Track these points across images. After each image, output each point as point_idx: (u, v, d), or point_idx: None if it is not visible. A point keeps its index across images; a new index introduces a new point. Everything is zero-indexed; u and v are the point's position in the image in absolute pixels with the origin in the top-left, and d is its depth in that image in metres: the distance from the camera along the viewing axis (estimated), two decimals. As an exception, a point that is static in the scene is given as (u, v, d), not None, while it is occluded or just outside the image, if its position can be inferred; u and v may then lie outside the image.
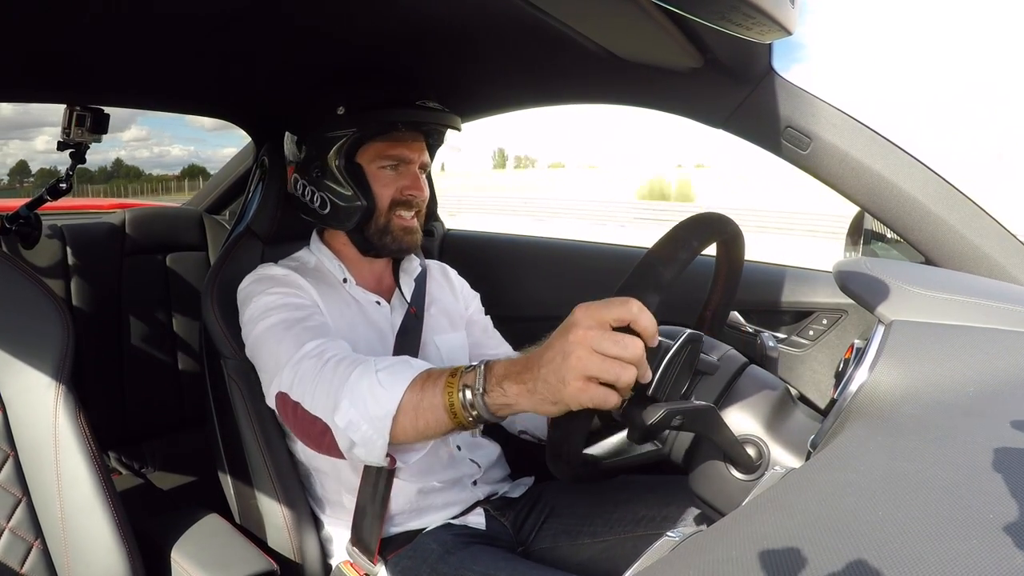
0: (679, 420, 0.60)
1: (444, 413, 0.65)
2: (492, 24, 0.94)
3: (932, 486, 0.42)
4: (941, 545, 0.35)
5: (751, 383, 0.71)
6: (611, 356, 0.53)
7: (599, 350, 0.53)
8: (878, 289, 0.65)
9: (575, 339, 0.54)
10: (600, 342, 0.53)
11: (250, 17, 0.90)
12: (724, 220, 0.71)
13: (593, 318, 0.54)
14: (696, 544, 0.41)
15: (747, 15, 0.50)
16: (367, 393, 0.70)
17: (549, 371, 0.56)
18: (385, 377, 0.70)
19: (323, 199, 0.97)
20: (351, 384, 0.71)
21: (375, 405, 0.69)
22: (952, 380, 0.55)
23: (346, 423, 0.70)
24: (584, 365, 0.53)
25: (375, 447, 0.70)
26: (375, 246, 0.99)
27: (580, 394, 0.54)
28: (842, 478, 0.46)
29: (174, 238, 1.69)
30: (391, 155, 0.96)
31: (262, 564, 0.79)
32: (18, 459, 0.70)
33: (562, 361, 0.55)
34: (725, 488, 0.67)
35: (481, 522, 0.98)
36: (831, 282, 0.73)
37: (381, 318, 1.01)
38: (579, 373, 0.54)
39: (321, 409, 0.73)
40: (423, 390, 0.67)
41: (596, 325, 0.54)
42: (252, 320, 0.89)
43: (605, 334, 0.54)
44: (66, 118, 1.26)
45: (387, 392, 0.69)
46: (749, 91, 0.88)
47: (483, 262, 1.47)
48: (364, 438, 0.70)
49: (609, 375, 0.53)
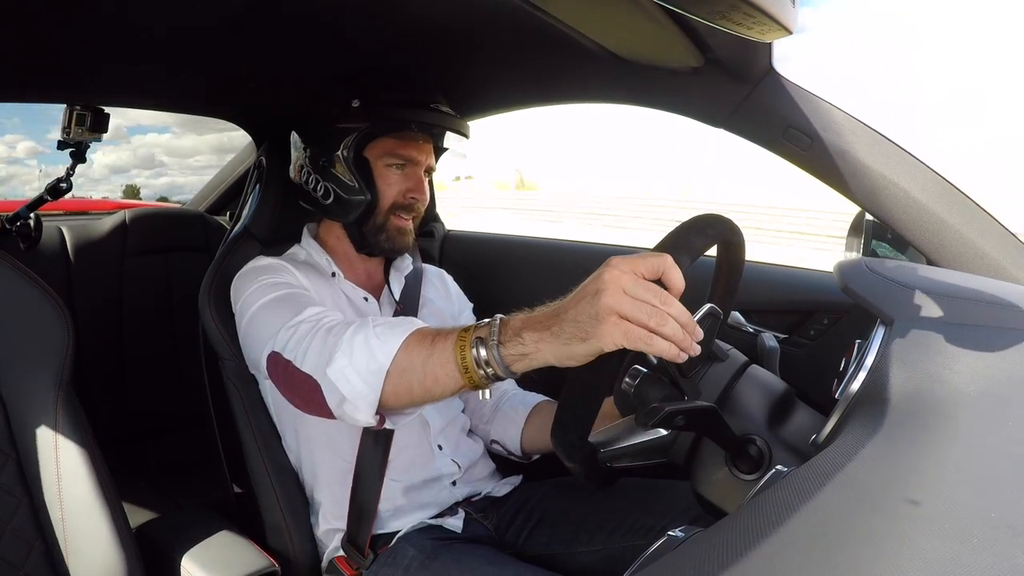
0: (680, 419, 0.59)
1: (455, 368, 0.63)
2: (492, 24, 0.94)
3: (932, 485, 0.41)
4: (942, 544, 0.35)
5: (752, 383, 0.71)
6: (643, 301, 0.53)
7: (631, 293, 0.53)
8: (879, 289, 0.65)
9: (609, 278, 0.54)
10: (633, 286, 0.53)
11: (251, 17, 0.90)
12: (730, 222, 0.71)
13: (627, 264, 0.54)
14: (698, 543, 0.41)
15: (748, 14, 0.50)
16: (361, 346, 0.68)
17: (579, 311, 0.55)
18: (382, 331, 0.69)
19: (327, 189, 0.97)
20: (346, 339, 0.70)
21: (369, 358, 0.67)
22: (953, 380, 0.55)
23: (336, 375, 0.68)
24: (618, 302, 0.53)
25: (365, 402, 0.68)
26: (369, 243, 0.99)
27: (615, 329, 0.53)
28: (844, 478, 0.46)
29: (175, 238, 1.69)
30: (400, 154, 0.96)
31: (263, 563, 0.79)
32: (19, 460, 0.70)
33: (593, 298, 0.54)
34: (727, 488, 0.67)
35: (458, 524, 0.95)
36: (831, 282, 0.73)
37: (370, 313, 1.01)
38: (612, 310, 0.53)
39: (312, 365, 0.72)
40: (433, 345, 0.65)
41: (629, 271, 0.54)
42: (245, 305, 0.88)
43: (638, 280, 0.53)
44: (66, 117, 1.26)
45: (383, 345, 0.67)
46: (749, 90, 0.88)
47: (483, 262, 1.47)
48: (354, 392, 0.68)
49: (641, 317, 0.52)
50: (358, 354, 0.68)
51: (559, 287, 1.56)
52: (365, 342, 0.69)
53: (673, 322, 0.53)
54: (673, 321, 0.53)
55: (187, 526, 0.86)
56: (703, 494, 0.70)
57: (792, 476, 0.49)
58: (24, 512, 0.70)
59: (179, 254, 1.69)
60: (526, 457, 1.05)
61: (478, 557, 0.86)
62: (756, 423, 0.67)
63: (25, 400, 0.70)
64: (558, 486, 1.02)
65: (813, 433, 0.64)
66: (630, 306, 0.53)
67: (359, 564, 0.91)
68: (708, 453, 0.68)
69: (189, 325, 1.66)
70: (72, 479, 0.70)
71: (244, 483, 1.02)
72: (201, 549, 0.80)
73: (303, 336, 0.76)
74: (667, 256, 0.55)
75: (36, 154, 27.92)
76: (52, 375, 0.71)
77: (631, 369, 0.69)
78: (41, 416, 0.70)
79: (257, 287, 0.89)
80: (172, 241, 1.68)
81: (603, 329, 0.53)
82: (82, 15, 0.86)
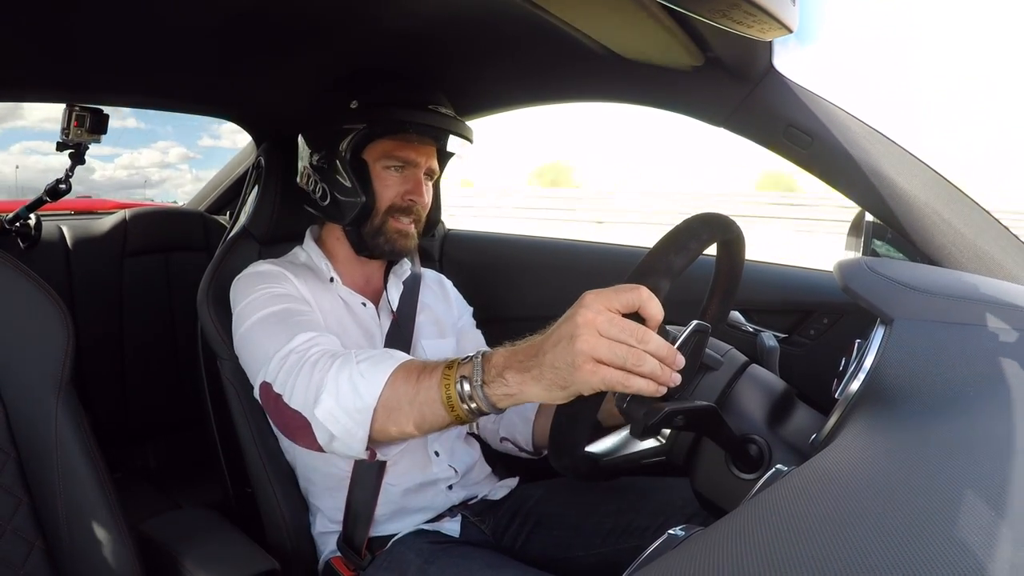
0: (680, 419, 0.59)
1: (442, 407, 0.63)
2: (492, 22, 0.94)
3: (932, 484, 0.42)
4: (942, 543, 0.35)
5: (752, 382, 0.71)
6: (619, 341, 0.52)
7: (606, 334, 0.53)
8: (878, 288, 0.65)
9: (582, 321, 0.53)
10: (608, 327, 0.53)
11: (252, 17, 0.90)
12: (726, 220, 0.71)
13: (601, 302, 0.53)
14: (698, 542, 0.41)
15: (748, 13, 0.50)
16: (347, 385, 0.69)
17: (556, 355, 0.55)
18: (366, 368, 0.69)
19: (324, 190, 0.96)
20: (331, 376, 0.70)
21: (355, 398, 0.68)
22: (952, 379, 0.55)
23: (325, 415, 0.69)
24: (592, 347, 0.52)
25: (355, 439, 0.69)
26: (368, 246, 0.98)
27: (591, 376, 0.53)
28: (843, 477, 0.46)
29: (174, 238, 1.69)
30: (398, 156, 0.95)
31: (263, 563, 0.79)
32: (19, 459, 0.70)
33: (568, 344, 0.53)
34: (726, 487, 0.67)
35: (456, 528, 0.96)
36: (831, 281, 0.73)
37: (368, 319, 1.00)
38: (588, 356, 0.52)
39: (300, 402, 0.73)
40: (419, 383, 0.66)
41: (604, 309, 0.53)
42: (242, 316, 0.88)
43: (613, 319, 0.53)
44: (66, 118, 1.26)
45: (367, 384, 0.68)
46: (750, 89, 0.88)
47: (483, 262, 1.47)
48: (343, 430, 0.69)
49: (618, 359, 0.52)
50: (344, 393, 0.69)
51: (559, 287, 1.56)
52: (350, 380, 0.69)
53: (651, 359, 0.53)
54: (651, 358, 0.53)
55: (187, 526, 0.86)
56: (703, 493, 0.71)
57: (792, 475, 0.49)
58: (24, 512, 0.70)
59: (179, 254, 1.69)
60: (537, 452, 1.03)
61: (476, 561, 0.86)
62: (756, 423, 0.67)
63: (25, 399, 0.70)
64: (553, 488, 1.02)
65: (813, 433, 0.64)
66: (606, 350, 0.52)
67: (356, 565, 0.90)
68: (708, 453, 0.68)
69: (189, 325, 1.66)
70: (72, 479, 0.70)
71: (243, 483, 1.02)
72: (201, 549, 0.80)
73: (292, 368, 0.76)
74: (641, 289, 0.54)
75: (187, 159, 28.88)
76: (52, 375, 0.71)
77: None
78: (41, 416, 0.70)
79: (255, 297, 0.88)
80: (172, 241, 1.68)
81: (580, 376, 0.53)
82: (82, 15, 0.86)
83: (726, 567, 0.36)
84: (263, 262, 0.97)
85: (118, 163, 29.22)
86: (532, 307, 1.41)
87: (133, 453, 1.67)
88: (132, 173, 30.43)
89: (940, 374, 0.55)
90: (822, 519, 0.39)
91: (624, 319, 0.53)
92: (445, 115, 0.96)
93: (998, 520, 0.37)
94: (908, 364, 0.57)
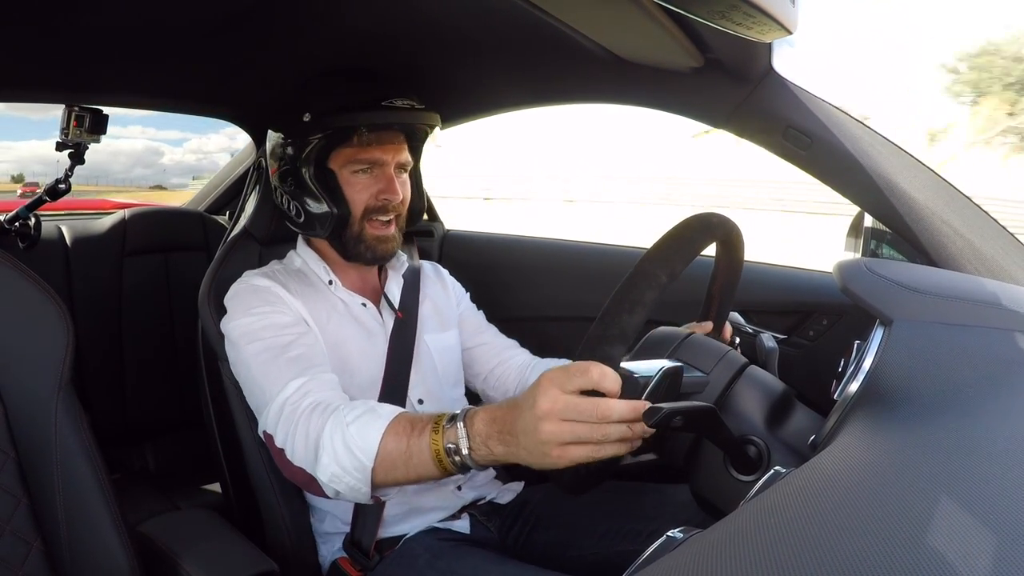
0: (679, 420, 0.59)
1: (433, 466, 0.69)
2: (492, 24, 0.94)
3: (932, 486, 0.42)
4: (942, 544, 0.35)
5: (751, 383, 0.71)
6: (580, 422, 0.56)
7: (567, 419, 0.56)
8: (878, 289, 0.65)
9: (541, 412, 0.57)
10: (567, 412, 0.56)
11: (251, 17, 0.90)
12: (723, 220, 0.71)
13: (557, 387, 0.57)
14: (696, 544, 0.41)
15: (748, 14, 0.50)
16: (342, 447, 0.73)
17: (527, 440, 0.59)
18: (356, 431, 0.73)
19: (297, 208, 0.96)
20: (326, 437, 0.75)
21: (352, 459, 0.73)
22: (952, 380, 0.55)
23: (328, 477, 0.75)
24: (555, 434, 0.56)
25: (359, 494, 0.75)
26: (351, 253, 0.98)
27: (560, 460, 0.57)
28: (842, 479, 0.46)
29: (174, 238, 1.69)
30: (362, 159, 0.93)
31: (263, 564, 0.78)
32: (19, 459, 0.70)
33: (534, 433, 0.58)
34: (725, 489, 0.67)
35: (466, 527, 0.97)
36: (831, 282, 0.73)
37: (369, 319, 1.00)
38: (554, 443, 0.57)
39: (302, 460, 0.77)
40: (409, 446, 0.70)
41: (560, 395, 0.56)
42: (236, 340, 0.89)
43: (570, 402, 0.56)
44: (65, 118, 1.26)
45: (363, 444, 0.72)
46: (749, 91, 0.88)
47: (483, 262, 1.47)
48: (348, 488, 0.75)
49: (582, 438, 0.56)
50: (341, 455, 0.73)
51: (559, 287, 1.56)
52: (344, 443, 0.73)
53: (615, 428, 0.56)
54: (615, 427, 0.56)
55: (186, 526, 0.86)
56: (702, 495, 0.71)
57: (791, 477, 0.49)
58: (23, 512, 0.70)
59: (178, 254, 1.68)
60: None
61: (484, 557, 0.88)
62: (755, 424, 0.67)
63: (25, 399, 0.70)
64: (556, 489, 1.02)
65: (812, 434, 0.64)
66: (569, 434, 0.56)
67: (363, 565, 0.91)
68: (707, 454, 0.68)
69: (188, 325, 1.66)
70: (71, 479, 0.70)
71: (244, 483, 1.02)
72: (200, 549, 0.80)
73: (288, 423, 0.79)
74: (591, 371, 0.56)
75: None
76: (52, 374, 0.71)
77: None
78: (41, 415, 0.70)
79: (250, 322, 0.88)
80: (171, 241, 1.68)
81: (551, 461, 0.58)
82: (82, 15, 0.86)
83: (724, 570, 0.36)
84: (257, 275, 0.95)
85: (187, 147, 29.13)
86: (532, 307, 1.41)
87: (132, 454, 1.67)
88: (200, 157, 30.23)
89: (939, 375, 0.55)
90: (821, 521, 0.39)
91: (582, 399, 0.56)
92: (401, 108, 0.93)
93: (998, 521, 0.37)
94: (907, 365, 0.57)
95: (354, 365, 0.95)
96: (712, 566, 0.36)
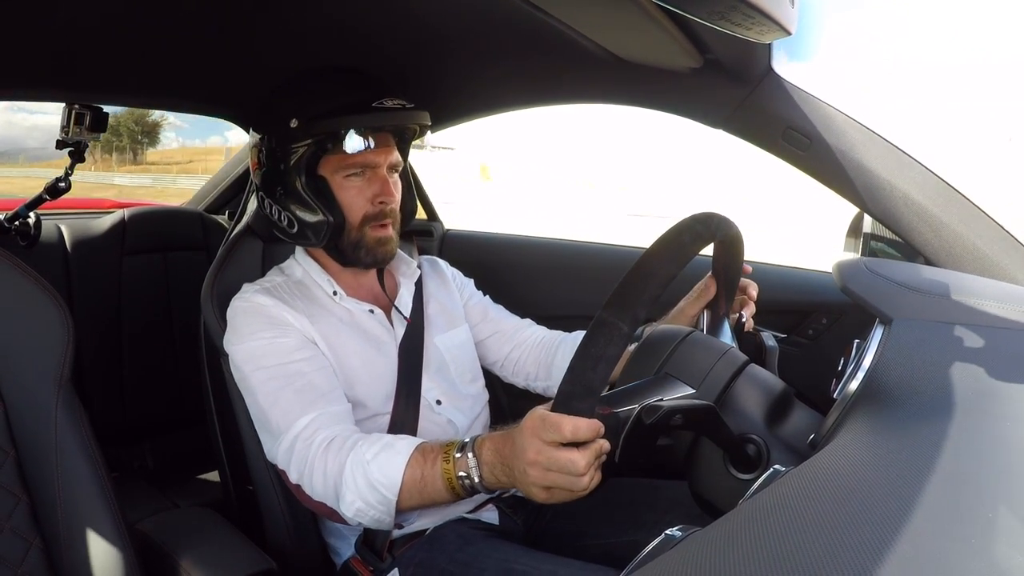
0: (679, 419, 0.60)
1: (447, 493, 0.75)
2: (491, 24, 0.94)
3: (931, 485, 0.42)
4: (940, 543, 0.35)
5: (751, 382, 0.71)
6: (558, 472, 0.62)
7: (549, 468, 0.63)
8: (877, 289, 0.65)
9: (528, 460, 0.64)
10: (548, 464, 0.63)
11: (252, 17, 0.90)
12: (722, 220, 0.71)
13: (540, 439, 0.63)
14: (695, 542, 0.41)
15: (747, 15, 0.50)
16: (365, 487, 0.77)
17: (521, 477, 0.66)
18: (377, 469, 0.77)
19: (288, 218, 0.93)
20: (347, 477, 0.78)
21: (376, 495, 0.77)
22: (951, 380, 0.55)
23: (353, 513, 0.79)
24: (539, 480, 0.64)
25: (384, 524, 0.80)
26: (350, 259, 0.96)
27: (548, 500, 0.66)
28: (841, 478, 0.46)
29: (174, 237, 1.69)
30: (353, 163, 0.91)
31: (262, 563, 0.78)
32: (18, 458, 0.70)
33: (524, 475, 0.65)
34: (724, 487, 0.67)
35: (495, 518, 0.98)
36: (831, 282, 0.73)
37: (376, 326, 0.98)
38: (540, 487, 0.65)
39: (322, 495, 0.81)
40: (423, 473, 0.75)
41: (543, 447, 0.62)
42: (239, 366, 0.88)
43: (551, 456, 0.62)
44: (65, 116, 1.26)
45: (386, 483, 0.76)
46: (749, 91, 0.89)
47: (483, 262, 1.47)
48: (373, 520, 0.79)
49: (563, 483, 0.63)
50: (365, 492, 0.77)
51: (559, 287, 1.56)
52: (367, 480, 0.77)
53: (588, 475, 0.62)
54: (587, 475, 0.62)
55: (186, 525, 0.86)
56: (701, 493, 0.71)
57: (790, 476, 0.49)
58: (23, 510, 0.70)
59: (178, 253, 1.69)
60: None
61: (512, 546, 0.89)
62: (754, 423, 0.67)
63: (25, 398, 0.70)
64: None
65: (811, 433, 0.64)
66: (551, 481, 0.64)
67: (375, 566, 0.90)
68: (706, 452, 0.69)
69: (187, 324, 1.66)
70: (71, 477, 0.70)
71: (244, 482, 1.02)
72: (199, 548, 0.80)
73: (301, 460, 0.82)
74: (563, 427, 0.60)
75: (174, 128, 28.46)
76: (52, 373, 0.71)
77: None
78: (41, 414, 0.70)
79: (255, 346, 0.87)
80: (171, 240, 1.68)
81: (540, 499, 0.67)
82: (82, 14, 0.86)
83: (723, 568, 0.36)
84: (259, 291, 0.92)
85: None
86: (532, 307, 1.41)
87: (131, 452, 1.67)
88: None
89: (938, 374, 0.55)
90: (820, 520, 0.39)
91: (559, 453, 0.62)
92: (392, 109, 0.90)
93: (998, 520, 0.37)
94: (906, 364, 0.57)
95: (365, 376, 0.93)
96: (710, 564, 0.36)
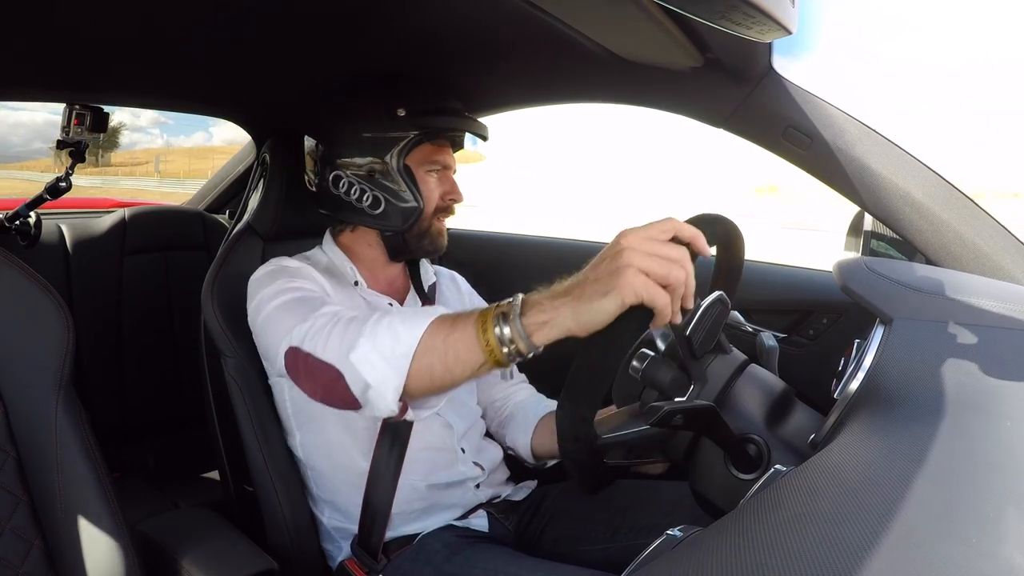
0: (679, 419, 0.60)
1: (476, 344, 0.64)
2: (492, 24, 0.94)
3: (931, 485, 0.42)
4: (941, 543, 0.35)
5: (751, 382, 0.71)
6: (662, 256, 0.57)
7: (650, 251, 0.57)
8: (878, 288, 0.65)
9: (627, 243, 0.57)
10: (652, 245, 0.57)
11: (252, 16, 0.90)
12: (721, 220, 0.71)
13: (641, 229, 0.58)
14: (696, 542, 0.41)
15: (747, 14, 0.50)
16: (386, 331, 0.69)
17: (600, 270, 0.58)
18: (407, 316, 0.70)
19: (376, 198, 0.97)
20: (370, 325, 0.71)
21: (394, 342, 0.68)
22: (951, 379, 0.55)
23: (360, 360, 0.69)
24: (639, 260, 0.56)
25: (390, 387, 0.68)
26: (411, 248, 1.00)
27: (635, 279, 0.56)
28: (842, 477, 0.46)
29: (174, 237, 1.69)
30: (437, 160, 0.98)
31: (262, 563, 0.79)
32: (19, 458, 0.70)
33: (613, 259, 0.57)
34: (725, 487, 0.67)
35: (484, 524, 0.98)
36: (831, 281, 0.73)
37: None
38: (635, 267, 0.56)
39: (334, 354, 0.72)
40: (453, 325, 0.66)
41: (641, 235, 0.58)
42: (263, 303, 0.87)
43: (655, 240, 0.57)
44: (65, 117, 1.26)
45: (409, 329, 0.68)
46: (749, 91, 0.88)
47: (483, 262, 1.47)
48: (379, 377, 0.68)
49: (662, 270, 0.56)
50: (383, 338, 0.69)
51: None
52: (390, 327, 0.69)
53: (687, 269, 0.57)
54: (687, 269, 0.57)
55: (186, 526, 0.86)
56: (702, 493, 0.71)
57: (790, 476, 0.49)
58: (23, 511, 0.70)
59: (178, 252, 1.69)
60: (538, 462, 1.07)
61: (502, 553, 0.89)
62: (755, 422, 0.68)
63: (25, 398, 0.70)
64: (569, 485, 1.04)
65: (812, 433, 0.64)
66: (650, 263, 0.56)
67: (370, 567, 0.91)
68: (707, 452, 0.69)
69: (188, 324, 1.67)
70: (71, 477, 0.70)
71: (245, 482, 1.02)
72: (200, 549, 0.80)
73: (321, 328, 0.76)
74: (670, 220, 0.59)
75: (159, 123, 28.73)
76: (52, 373, 0.71)
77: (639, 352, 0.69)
78: (41, 414, 0.70)
79: (276, 287, 0.88)
80: (171, 239, 1.68)
81: (623, 280, 0.56)
82: (82, 14, 0.86)
83: (724, 568, 0.36)
84: (285, 258, 0.96)
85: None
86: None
87: (131, 452, 1.67)
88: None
89: (939, 374, 0.55)
90: (820, 520, 0.39)
91: (664, 239, 0.58)
92: (469, 118, 1.02)
93: (997, 520, 0.37)
94: (907, 364, 0.57)
95: None
96: (711, 564, 0.36)
